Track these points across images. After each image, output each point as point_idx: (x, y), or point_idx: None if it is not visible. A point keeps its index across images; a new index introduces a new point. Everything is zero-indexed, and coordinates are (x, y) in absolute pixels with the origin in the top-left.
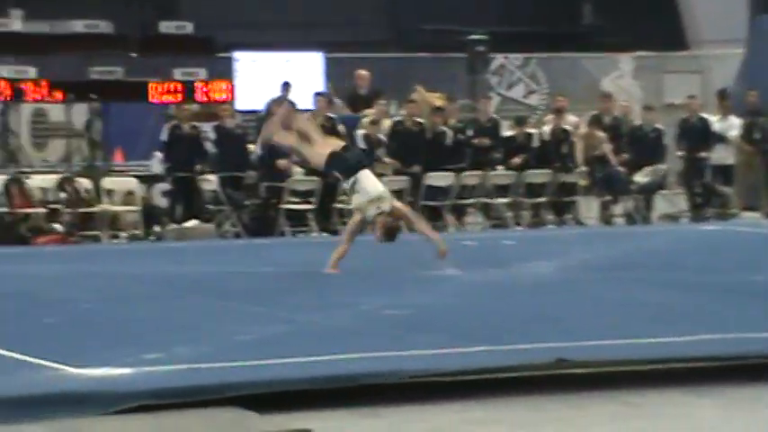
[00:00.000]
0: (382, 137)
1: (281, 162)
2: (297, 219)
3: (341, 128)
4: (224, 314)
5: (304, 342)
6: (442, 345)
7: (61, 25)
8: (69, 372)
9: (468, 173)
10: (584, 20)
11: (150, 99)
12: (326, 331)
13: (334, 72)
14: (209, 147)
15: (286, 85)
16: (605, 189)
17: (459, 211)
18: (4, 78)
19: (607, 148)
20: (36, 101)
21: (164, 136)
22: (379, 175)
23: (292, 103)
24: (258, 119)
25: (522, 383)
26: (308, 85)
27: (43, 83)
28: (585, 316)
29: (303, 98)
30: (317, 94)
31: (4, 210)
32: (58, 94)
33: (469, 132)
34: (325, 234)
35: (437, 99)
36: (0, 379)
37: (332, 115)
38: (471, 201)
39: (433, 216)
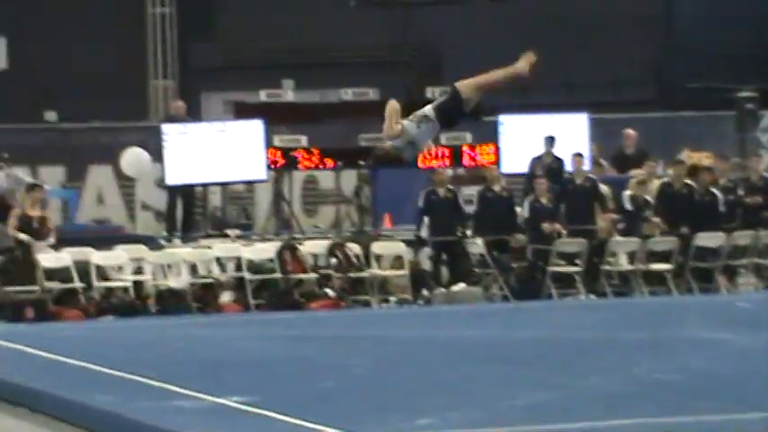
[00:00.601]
0: (649, 198)
1: (547, 225)
2: (564, 281)
3: (604, 188)
4: (495, 379)
5: (576, 407)
6: (717, 411)
7: (330, 94)
8: None
9: (739, 233)
10: None
11: (418, 164)
12: (598, 396)
13: (599, 132)
14: (470, 209)
15: (550, 140)
16: None
17: (731, 272)
18: (278, 147)
19: None
20: (307, 168)
21: (420, 202)
22: (647, 237)
23: None
24: (526, 179)
25: None
26: (573, 146)
27: (314, 151)
28: None
29: (567, 159)
30: (575, 154)
31: (278, 275)
32: (329, 162)
33: (740, 191)
34: (592, 296)
35: (705, 158)
36: None
37: (592, 176)
38: (743, 261)
39: (704, 277)
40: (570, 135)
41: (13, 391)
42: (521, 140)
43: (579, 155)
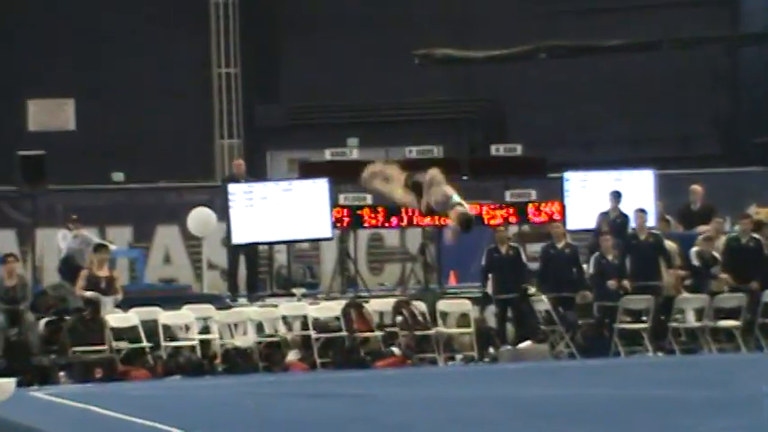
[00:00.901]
0: (716, 254)
1: (612, 282)
2: (631, 338)
3: (670, 244)
4: None
5: None
6: None
7: (395, 151)
8: None
9: None
10: None
11: (484, 222)
12: None
13: (665, 188)
14: (533, 266)
15: (616, 195)
16: None
17: None
18: (343, 206)
19: None
20: (373, 226)
21: (483, 260)
22: (715, 293)
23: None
24: (593, 236)
25: None
26: (638, 202)
27: (379, 209)
28: None
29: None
30: (637, 210)
31: (344, 333)
32: (394, 220)
33: None
34: (660, 354)
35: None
36: None
37: (656, 232)
38: None
39: None
40: (636, 191)
41: None
42: (586, 196)
43: (642, 210)
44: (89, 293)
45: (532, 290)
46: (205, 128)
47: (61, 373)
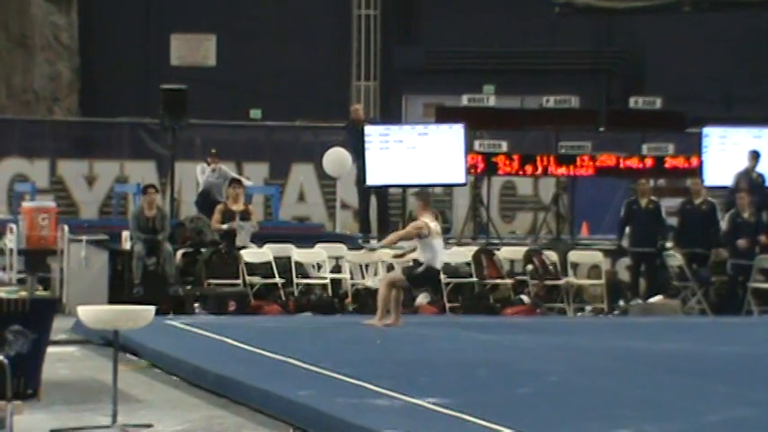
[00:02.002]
0: None
1: (742, 242)
2: (765, 297)
3: None
4: (691, 393)
5: None
6: None
7: (531, 100)
8: None
9: None
10: None
11: (618, 173)
12: None
13: None
14: (671, 222)
15: (754, 154)
16: None
17: None
18: (478, 152)
19: None
20: (507, 174)
21: (622, 212)
22: None
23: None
24: (728, 194)
25: None
26: None
27: (514, 156)
28: None
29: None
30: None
31: (474, 279)
32: (529, 168)
33: None
34: None
35: None
36: None
37: None
38: None
39: None
40: None
41: (219, 382)
42: (725, 153)
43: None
44: (225, 226)
45: (669, 245)
46: (342, 69)
47: (196, 304)
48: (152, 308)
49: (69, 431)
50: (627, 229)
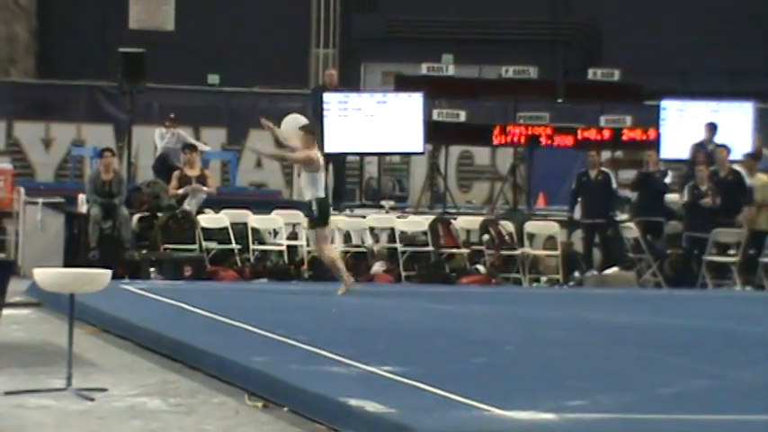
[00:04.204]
0: None
1: (706, 201)
2: (719, 271)
3: (761, 177)
4: (646, 365)
5: (729, 399)
6: None
7: (490, 70)
8: (496, 413)
9: None
10: None
11: (576, 145)
12: (753, 389)
13: (763, 123)
14: (626, 194)
15: (711, 126)
16: None
17: None
18: (437, 122)
19: None
20: (464, 144)
21: (572, 184)
22: None
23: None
24: (687, 166)
25: None
26: (736, 136)
27: (471, 126)
28: None
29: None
30: (717, 145)
31: (430, 248)
32: (485, 138)
33: None
34: (748, 288)
35: None
36: (433, 416)
37: (737, 168)
38: None
39: None
40: (733, 123)
41: (174, 347)
42: (682, 126)
43: (723, 146)
44: (181, 191)
45: (623, 216)
46: (302, 36)
47: (151, 269)
48: (108, 272)
49: (24, 393)
50: (579, 201)
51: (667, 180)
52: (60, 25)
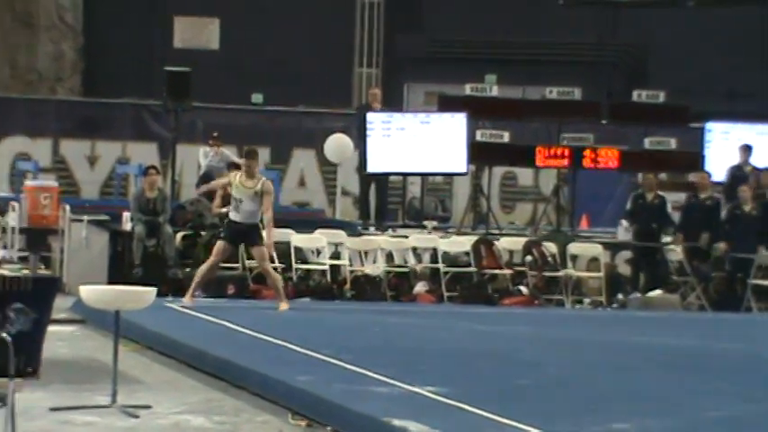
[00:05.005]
0: None
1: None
2: (765, 294)
3: None
4: (692, 389)
5: None
6: None
7: (533, 91)
8: None
9: None
10: None
11: (619, 166)
12: None
13: None
14: (676, 217)
15: (745, 148)
16: None
17: None
18: (480, 142)
19: None
20: (508, 165)
21: (628, 205)
22: None
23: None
24: (724, 188)
25: None
26: None
27: (515, 147)
28: None
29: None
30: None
31: (473, 269)
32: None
33: None
34: None
35: None
36: None
37: None
38: None
39: None
40: None
41: (218, 365)
42: (727, 148)
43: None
44: (224, 210)
45: (667, 239)
46: (345, 56)
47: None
48: (153, 289)
49: (69, 410)
50: (625, 222)
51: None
52: (106, 44)
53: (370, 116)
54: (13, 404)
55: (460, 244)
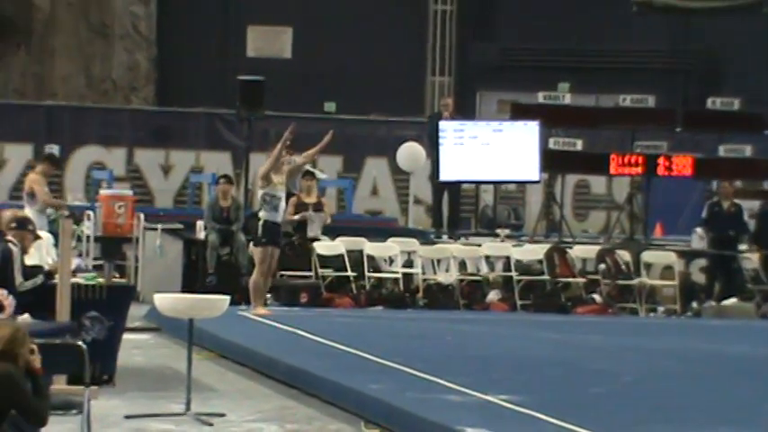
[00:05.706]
0: None
1: None
2: None
3: None
4: (767, 398)
5: None
6: None
7: (607, 99)
8: None
9: None
10: None
11: (694, 174)
12: None
13: None
14: (752, 225)
15: None
16: None
17: None
18: (553, 150)
19: None
20: (581, 173)
21: (704, 213)
22: None
23: None
24: None
25: None
26: None
27: (588, 155)
28: None
29: None
30: None
31: (546, 277)
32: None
33: None
34: None
35: None
36: None
37: None
38: None
39: None
40: None
41: (291, 373)
42: None
43: None
44: (297, 216)
45: (743, 247)
46: (417, 64)
47: (268, 295)
48: (227, 298)
49: (144, 417)
50: (699, 230)
51: None
52: (180, 53)
53: (442, 124)
54: (88, 411)
55: (533, 252)
